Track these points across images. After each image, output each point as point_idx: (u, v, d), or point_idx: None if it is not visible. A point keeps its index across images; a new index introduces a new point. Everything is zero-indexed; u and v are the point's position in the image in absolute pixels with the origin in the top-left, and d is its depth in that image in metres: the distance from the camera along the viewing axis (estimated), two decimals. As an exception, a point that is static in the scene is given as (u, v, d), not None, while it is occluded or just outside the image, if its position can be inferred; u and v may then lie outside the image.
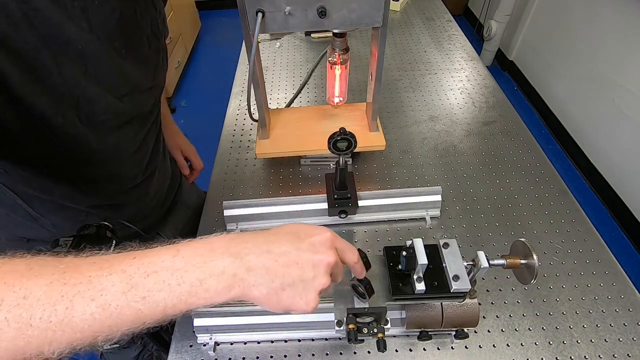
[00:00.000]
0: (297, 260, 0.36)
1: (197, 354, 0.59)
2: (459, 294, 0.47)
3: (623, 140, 1.78)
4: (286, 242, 0.37)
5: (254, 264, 0.35)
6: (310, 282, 0.36)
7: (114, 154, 0.57)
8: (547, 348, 0.58)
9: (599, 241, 0.72)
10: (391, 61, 1.19)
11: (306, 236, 0.38)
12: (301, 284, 0.36)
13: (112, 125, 0.53)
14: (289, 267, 0.36)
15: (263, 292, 0.35)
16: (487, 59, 2.78)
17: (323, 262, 0.37)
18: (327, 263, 0.37)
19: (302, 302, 0.36)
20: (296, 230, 0.39)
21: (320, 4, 0.58)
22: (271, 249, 0.36)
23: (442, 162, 0.87)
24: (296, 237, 0.38)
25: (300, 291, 0.36)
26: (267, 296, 0.35)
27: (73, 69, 0.45)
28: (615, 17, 1.80)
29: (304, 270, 0.36)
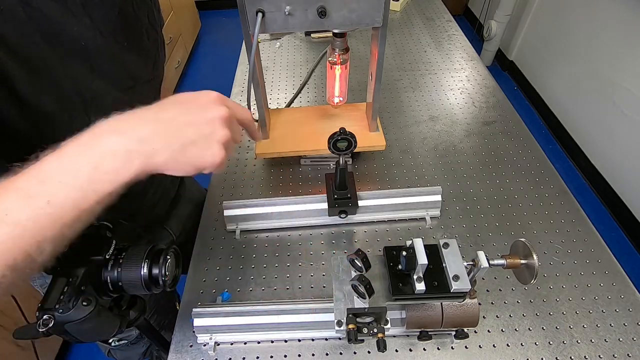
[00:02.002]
0: (190, 121, 0.37)
1: (197, 354, 0.59)
2: (459, 294, 0.47)
3: (623, 140, 1.78)
4: (173, 109, 0.38)
5: (145, 133, 0.35)
6: (211, 137, 0.37)
7: None
8: (547, 348, 0.58)
9: (599, 241, 0.72)
10: (391, 61, 1.19)
11: (192, 99, 0.39)
12: (202, 139, 0.37)
13: None
14: (184, 128, 0.36)
15: (166, 156, 0.35)
16: (487, 59, 2.78)
17: (216, 117, 0.38)
18: (220, 116, 0.38)
19: (209, 155, 0.37)
20: (181, 98, 0.39)
21: (320, 4, 0.58)
22: (159, 117, 0.36)
23: (442, 162, 0.87)
24: (182, 103, 0.39)
25: (203, 147, 0.37)
26: (173, 159, 0.36)
27: (79, 67, 0.45)
28: (615, 17, 1.80)
29: (200, 127, 0.37)
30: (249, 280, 0.68)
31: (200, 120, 0.37)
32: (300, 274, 0.69)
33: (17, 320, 1.11)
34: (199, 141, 0.37)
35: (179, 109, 0.38)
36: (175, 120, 0.36)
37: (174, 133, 0.36)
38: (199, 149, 0.37)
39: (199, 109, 0.38)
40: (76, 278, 0.42)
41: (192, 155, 0.36)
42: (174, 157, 0.36)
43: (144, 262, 0.45)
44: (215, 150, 0.37)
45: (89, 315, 0.40)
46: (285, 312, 0.58)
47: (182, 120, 0.37)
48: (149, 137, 0.35)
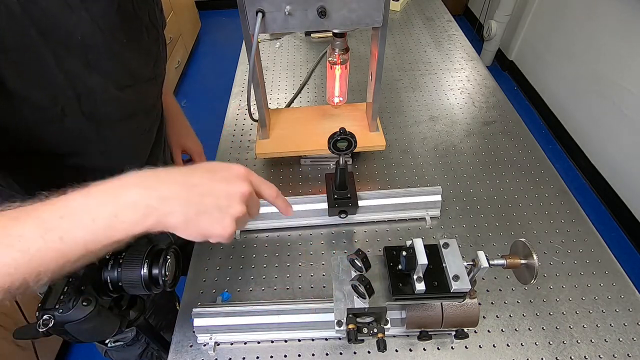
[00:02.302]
0: (211, 190, 0.38)
1: (197, 354, 0.59)
2: (459, 294, 0.47)
3: (623, 140, 1.78)
4: (200, 175, 0.39)
5: (167, 193, 0.36)
6: (226, 210, 0.38)
7: (117, 145, 0.58)
8: (547, 348, 0.58)
9: (599, 241, 0.72)
10: (391, 61, 1.19)
11: (220, 170, 0.40)
12: (217, 211, 0.38)
13: (115, 118, 0.54)
14: (204, 197, 0.37)
15: (180, 219, 0.36)
16: (487, 59, 2.78)
17: (237, 193, 0.39)
18: (241, 193, 0.39)
19: (219, 227, 0.38)
20: (211, 167, 0.41)
21: (320, 4, 0.58)
22: (185, 181, 0.38)
23: (442, 162, 0.87)
24: (210, 171, 0.40)
25: (216, 218, 0.38)
26: (185, 223, 0.36)
27: (74, 61, 0.45)
28: (615, 17, 1.80)
29: (218, 199, 0.38)
30: (249, 280, 0.68)
31: (220, 192, 0.38)
32: (300, 274, 0.69)
33: (17, 320, 1.11)
34: (214, 212, 0.37)
35: (205, 177, 0.39)
36: (198, 187, 0.38)
37: (193, 199, 0.37)
38: (212, 219, 0.37)
39: (223, 181, 0.39)
40: (76, 278, 0.42)
41: (203, 224, 0.37)
42: (186, 222, 0.36)
43: (144, 262, 0.45)
44: (226, 223, 0.38)
45: (89, 315, 0.40)
46: (285, 312, 0.58)
47: (204, 189, 0.38)
48: (170, 198, 0.36)
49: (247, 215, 0.40)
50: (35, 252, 0.32)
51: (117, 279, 0.44)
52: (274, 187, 0.44)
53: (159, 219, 0.35)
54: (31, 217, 0.33)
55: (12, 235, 0.32)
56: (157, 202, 0.35)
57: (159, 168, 0.38)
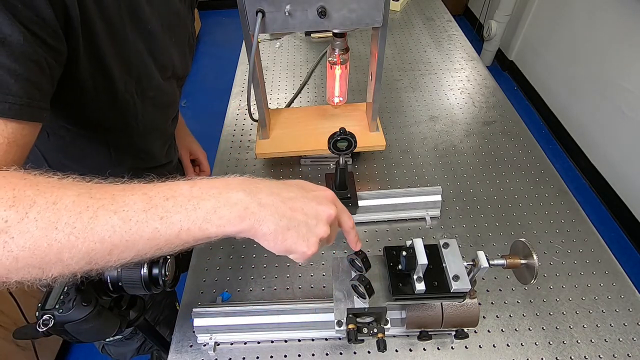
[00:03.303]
0: (303, 206, 0.39)
1: (197, 354, 0.59)
2: (459, 294, 0.47)
3: (623, 140, 1.78)
4: (295, 190, 0.41)
5: (265, 201, 0.37)
6: (314, 228, 0.39)
7: (151, 129, 0.64)
8: (547, 348, 0.58)
9: (599, 241, 0.72)
10: (391, 61, 1.19)
11: (312, 189, 0.42)
12: (305, 227, 0.39)
13: (156, 103, 0.60)
14: (295, 211, 0.39)
15: (271, 228, 0.37)
16: (487, 59, 2.78)
17: (325, 213, 0.40)
18: (328, 215, 0.41)
19: (304, 244, 0.39)
20: (303, 184, 0.43)
21: (320, 4, 0.58)
22: (281, 193, 0.39)
23: (442, 162, 0.87)
24: (303, 189, 0.42)
25: (303, 234, 0.39)
26: (274, 233, 0.37)
27: (142, 45, 0.52)
28: (615, 16, 1.80)
29: (308, 216, 0.39)
30: (249, 280, 0.68)
31: (312, 211, 0.40)
32: (300, 274, 0.69)
33: (17, 320, 1.11)
34: (302, 229, 0.39)
35: (300, 193, 0.40)
36: (292, 201, 0.39)
37: (287, 212, 0.38)
38: (299, 235, 0.38)
39: (315, 201, 0.40)
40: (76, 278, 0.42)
41: (290, 238, 0.38)
42: (276, 233, 0.37)
43: (144, 262, 0.45)
44: (311, 242, 0.39)
45: (89, 315, 0.40)
46: (285, 312, 0.58)
47: (298, 205, 0.39)
48: (267, 206, 0.37)
49: (328, 239, 0.41)
50: (134, 224, 0.33)
51: (117, 279, 0.44)
52: (352, 219, 0.45)
53: (253, 224, 0.36)
54: (138, 192, 0.34)
55: (120, 202, 0.33)
56: (256, 207, 0.37)
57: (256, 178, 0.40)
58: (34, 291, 0.80)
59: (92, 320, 0.41)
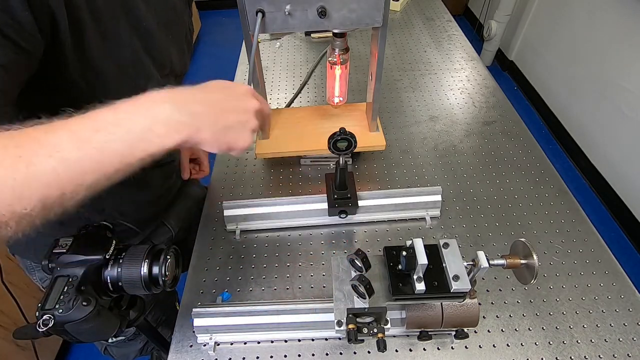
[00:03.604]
0: (233, 107, 0.43)
1: (197, 354, 0.59)
2: (459, 294, 0.47)
3: (623, 140, 1.78)
4: (219, 92, 0.43)
5: (196, 109, 0.39)
6: (246, 124, 0.44)
7: None
8: (547, 348, 0.58)
9: (599, 241, 0.72)
10: (391, 61, 1.19)
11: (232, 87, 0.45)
12: (239, 125, 0.43)
13: None
14: (227, 113, 0.42)
15: (209, 134, 0.40)
16: (487, 59, 2.78)
17: (252, 108, 0.44)
18: (254, 108, 0.45)
19: (241, 140, 0.43)
20: (222, 85, 0.45)
21: (320, 4, 0.58)
22: (208, 98, 0.42)
23: (442, 162, 0.87)
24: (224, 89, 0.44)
25: (239, 131, 0.43)
26: (213, 137, 0.40)
27: (138, 44, 0.51)
28: (615, 16, 1.80)
29: (239, 115, 0.43)
30: (249, 280, 0.68)
31: (240, 108, 0.43)
32: (300, 274, 0.69)
33: (17, 320, 1.11)
34: (237, 127, 0.42)
35: (223, 94, 0.43)
36: (220, 104, 0.42)
37: (219, 115, 0.41)
38: (236, 132, 0.42)
39: (239, 98, 0.44)
40: (76, 278, 0.42)
41: (229, 137, 0.42)
42: (215, 136, 0.40)
43: (143, 262, 0.45)
44: (246, 136, 0.43)
45: (89, 315, 0.40)
46: (285, 312, 0.58)
47: (226, 106, 0.42)
48: (199, 115, 0.39)
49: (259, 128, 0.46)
50: (74, 162, 0.33)
51: (117, 279, 0.44)
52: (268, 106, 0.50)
53: (191, 133, 0.38)
54: (65, 130, 0.34)
55: (49, 145, 0.32)
56: (188, 118, 0.38)
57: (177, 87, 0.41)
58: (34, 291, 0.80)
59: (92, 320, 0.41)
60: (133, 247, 0.47)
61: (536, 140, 0.91)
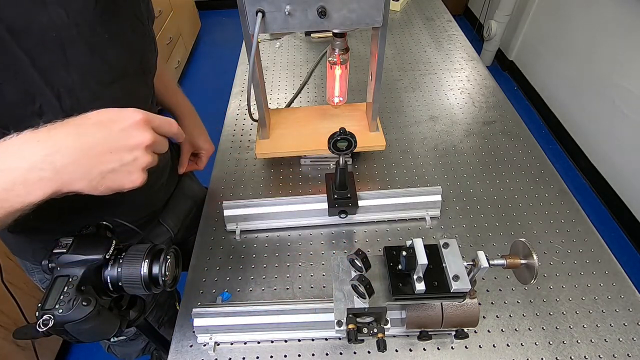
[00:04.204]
0: (112, 148, 0.38)
1: (197, 354, 0.59)
2: (459, 294, 0.47)
3: (623, 140, 1.78)
4: (95, 132, 0.38)
5: (62, 162, 0.36)
6: (133, 164, 0.39)
7: None
8: (547, 348, 0.58)
9: (599, 241, 0.72)
10: (391, 61, 1.19)
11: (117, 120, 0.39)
12: (123, 168, 0.38)
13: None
14: (104, 156, 0.37)
15: (83, 184, 0.37)
16: (487, 59, 2.78)
17: (140, 144, 0.39)
18: (145, 145, 0.39)
19: (128, 181, 0.39)
20: (104, 118, 0.39)
21: (320, 4, 0.58)
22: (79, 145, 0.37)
23: (442, 162, 0.87)
24: (105, 125, 0.38)
25: (124, 174, 0.38)
26: (90, 186, 0.37)
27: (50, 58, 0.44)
28: (615, 16, 1.80)
29: (121, 155, 0.38)
30: (249, 280, 0.68)
31: (122, 147, 0.38)
32: (300, 274, 0.69)
33: (17, 320, 1.11)
34: (120, 169, 0.38)
35: (101, 134, 0.38)
36: (95, 149, 0.37)
37: (94, 162, 0.37)
38: (119, 176, 0.38)
39: (122, 134, 0.38)
40: (76, 278, 0.42)
41: (110, 182, 0.38)
42: (91, 185, 0.37)
43: (143, 262, 0.45)
44: (135, 177, 0.39)
45: (89, 315, 0.40)
46: (285, 312, 0.58)
47: (103, 149, 0.37)
48: (67, 166, 0.36)
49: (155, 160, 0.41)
50: None
51: (117, 279, 0.44)
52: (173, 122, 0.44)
53: (58, 187, 0.36)
54: None
55: None
56: (52, 174, 0.35)
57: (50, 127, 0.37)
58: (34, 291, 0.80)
59: (92, 320, 0.41)
60: (133, 247, 0.47)
61: (536, 140, 0.91)
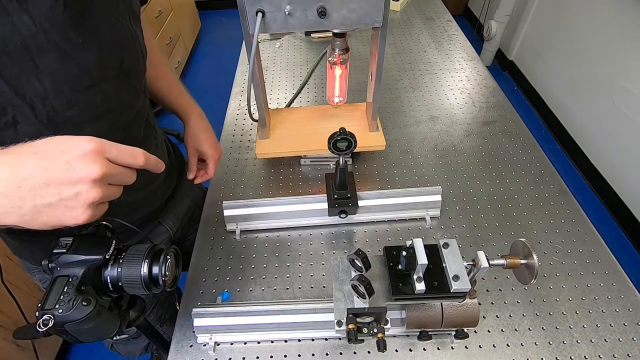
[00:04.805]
0: (49, 181, 0.34)
1: (197, 354, 0.59)
2: (459, 294, 0.47)
3: (623, 140, 1.78)
4: (32, 163, 0.34)
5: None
6: (74, 199, 0.35)
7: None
8: (547, 348, 0.58)
9: (599, 241, 0.72)
10: (391, 61, 1.19)
11: (61, 151, 0.35)
12: (61, 202, 0.34)
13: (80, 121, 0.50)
14: (39, 190, 0.34)
15: (14, 218, 0.34)
16: (487, 59, 2.78)
17: (85, 179, 0.34)
18: (91, 179, 0.34)
19: (69, 217, 0.35)
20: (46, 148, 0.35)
21: (320, 4, 0.58)
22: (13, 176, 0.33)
23: (442, 162, 0.87)
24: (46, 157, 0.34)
25: (62, 210, 0.35)
26: (24, 220, 0.34)
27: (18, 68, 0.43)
28: (616, 16, 1.80)
29: (59, 189, 0.34)
30: (249, 280, 0.68)
31: (61, 180, 0.34)
32: (300, 274, 0.69)
33: (17, 320, 1.11)
34: (57, 204, 0.34)
35: (38, 164, 0.34)
36: (29, 180, 0.33)
37: (27, 195, 0.33)
38: (57, 211, 0.34)
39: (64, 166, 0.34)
40: (76, 278, 0.42)
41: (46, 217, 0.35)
42: (23, 219, 0.34)
43: (143, 262, 0.45)
44: (77, 212, 0.35)
45: (89, 315, 0.40)
46: (285, 312, 0.58)
47: (38, 181, 0.33)
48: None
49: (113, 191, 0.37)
50: None
51: (117, 279, 0.44)
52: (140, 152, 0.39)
53: None
54: None
55: None
56: None
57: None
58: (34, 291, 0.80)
59: (92, 320, 0.41)
60: (133, 247, 0.47)
61: (536, 140, 0.91)
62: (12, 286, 1.08)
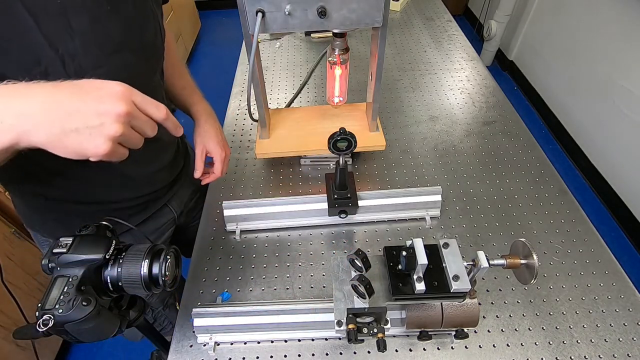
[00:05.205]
0: (79, 108, 0.36)
1: (197, 354, 0.59)
2: (459, 294, 0.47)
3: (623, 140, 1.78)
4: (70, 92, 0.37)
5: (25, 110, 0.35)
6: (98, 129, 0.37)
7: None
8: (547, 348, 0.58)
9: (599, 241, 0.72)
10: (391, 61, 1.19)
11: (96, 88, 0.38)
12: (87, 130, 0.37)
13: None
14: (70, 115, 0.36)
15: (44, 137, 0.36)
16: (487, 59, 2.78)
17: (111, 112, 0.37)
18: (115, 112, 0.37)
19: (91, 146, 0.37)
20: (85, 84, 0.38)
21: (320, 4, 0.58)
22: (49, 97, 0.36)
23: (442, 162, 0.87)
24: (83, 89, 0.38)
25: (87, 137, 0.37)
26: (50, 141, 0.36)
27: (54, 25, 0.46)
28: (615, 16, 1.80)
29: (86, 117, 0.37)
30: (249, 280, 0.68)
31: (89, 110, 0.37)
32: (300, 274, 0.69)
33: (17, 320, 1.11)
34: (83, 131, 0.37)
35: (75, 94, 0.37)
36: (63, 103, 0.36)
37: (58, 116, 0.36)
38: (81, 137, 0.37)
39: (95, 99, 0.37)
40: (76, 278, 0.42)
41: (72, 142, 0.37)
42: (52, 139, 0.36)
43: (143, 262, 0.45)
44: (98, 142, 0.37)
45: (89, 315, 0.40)
46: (285, 312, 0.58)
47: (71, 106, 0.36)
48: (31, 115, 0.35)
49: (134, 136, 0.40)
50: None
51: (117, 279, 0.44)
52: (163, 107, 0.42)
53: (17, 136, 0.35)
54: None
55: None
56: (13, 119, 0.35)
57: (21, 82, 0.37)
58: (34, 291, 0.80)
59: (92, 320, 0.41)
60: (133, 247, 0.47)
61: (536, 140, 0.91)
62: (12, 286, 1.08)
